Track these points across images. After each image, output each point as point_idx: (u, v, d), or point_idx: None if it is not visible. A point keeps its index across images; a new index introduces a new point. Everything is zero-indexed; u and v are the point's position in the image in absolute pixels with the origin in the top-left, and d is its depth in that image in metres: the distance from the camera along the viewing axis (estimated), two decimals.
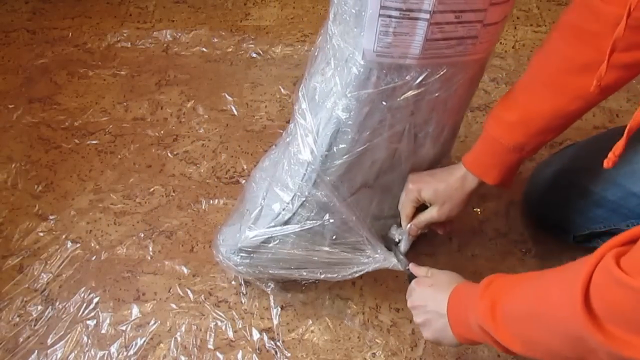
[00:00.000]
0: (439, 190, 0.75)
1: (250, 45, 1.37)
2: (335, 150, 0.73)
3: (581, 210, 0.85)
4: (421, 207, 0.79)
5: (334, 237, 0.82)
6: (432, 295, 0.69)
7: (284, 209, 0.79)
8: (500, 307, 0.56)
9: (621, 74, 0.63)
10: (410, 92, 0.68)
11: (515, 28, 1.41)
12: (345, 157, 0.73)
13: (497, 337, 0.55)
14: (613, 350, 0.42)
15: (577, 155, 0.88)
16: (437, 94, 0.69)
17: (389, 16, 0.60)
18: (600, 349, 0.44)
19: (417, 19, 0.60)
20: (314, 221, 0.80)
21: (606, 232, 0.84)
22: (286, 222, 0.80)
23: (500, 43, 1.37)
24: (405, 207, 0.79)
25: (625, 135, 0.51)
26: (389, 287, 0.93)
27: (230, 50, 1.36)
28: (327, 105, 0.72)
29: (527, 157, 0.72)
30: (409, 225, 0.79)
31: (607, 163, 0.56)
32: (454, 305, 0.65)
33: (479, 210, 1.03)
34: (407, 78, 0.66)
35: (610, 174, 0.79)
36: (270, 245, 0.82)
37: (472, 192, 0.74)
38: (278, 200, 0.80)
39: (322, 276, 0.84)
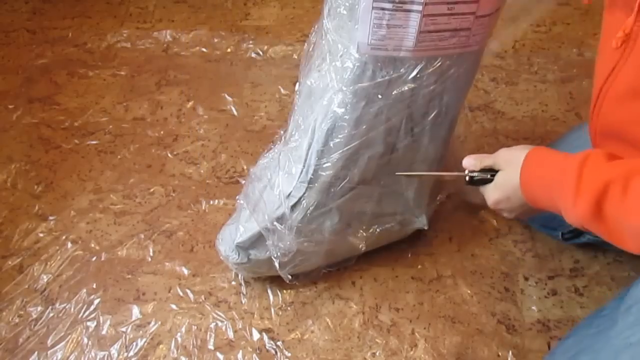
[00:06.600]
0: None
1: (250, 45, 1.37)
2: (331, 144, 0.73)
3: None
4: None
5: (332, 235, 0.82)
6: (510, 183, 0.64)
7: (279, 206, 0.79)
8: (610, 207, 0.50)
9: None
10: (405, 85, 0.68)
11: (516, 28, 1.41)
12: (342, 151, 0.73)
13: (604, 237, 0.52)
14: None
15: None
16: (432, 87, 0.69)
17: (382, 8, 0.60)
18: None
19: (410, 10, 0.60)
20: (311, 217, 0.79)
21: None
22: (281, 219, 0.80)
23: (500, 43, 1.37)
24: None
25: None
26: (389, 287, 0.93)
27: (230, 50, 1.36)
28: (323, 100, 0.72)
29: None
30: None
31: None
32: (531, 180, 0.60)
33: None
34: (402, 71, 0.67)
35: None
36: (267, 242, 0.82)
37: None
38: (274, 197, 0.80)
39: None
